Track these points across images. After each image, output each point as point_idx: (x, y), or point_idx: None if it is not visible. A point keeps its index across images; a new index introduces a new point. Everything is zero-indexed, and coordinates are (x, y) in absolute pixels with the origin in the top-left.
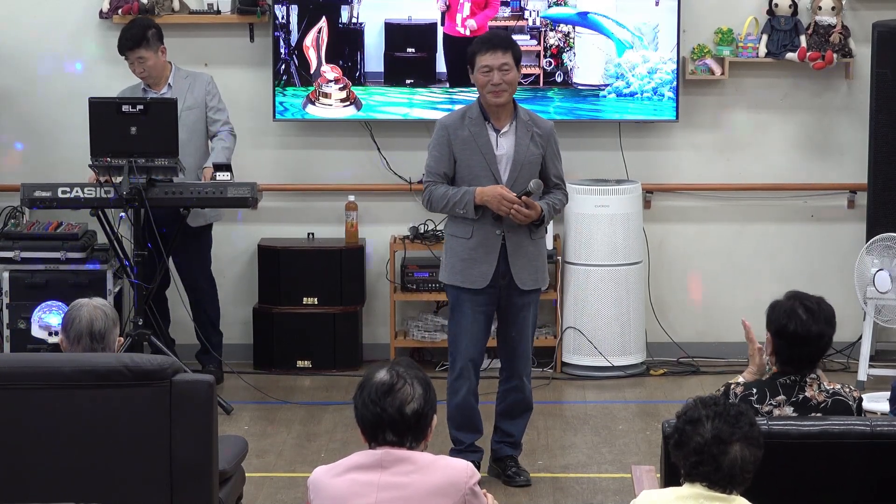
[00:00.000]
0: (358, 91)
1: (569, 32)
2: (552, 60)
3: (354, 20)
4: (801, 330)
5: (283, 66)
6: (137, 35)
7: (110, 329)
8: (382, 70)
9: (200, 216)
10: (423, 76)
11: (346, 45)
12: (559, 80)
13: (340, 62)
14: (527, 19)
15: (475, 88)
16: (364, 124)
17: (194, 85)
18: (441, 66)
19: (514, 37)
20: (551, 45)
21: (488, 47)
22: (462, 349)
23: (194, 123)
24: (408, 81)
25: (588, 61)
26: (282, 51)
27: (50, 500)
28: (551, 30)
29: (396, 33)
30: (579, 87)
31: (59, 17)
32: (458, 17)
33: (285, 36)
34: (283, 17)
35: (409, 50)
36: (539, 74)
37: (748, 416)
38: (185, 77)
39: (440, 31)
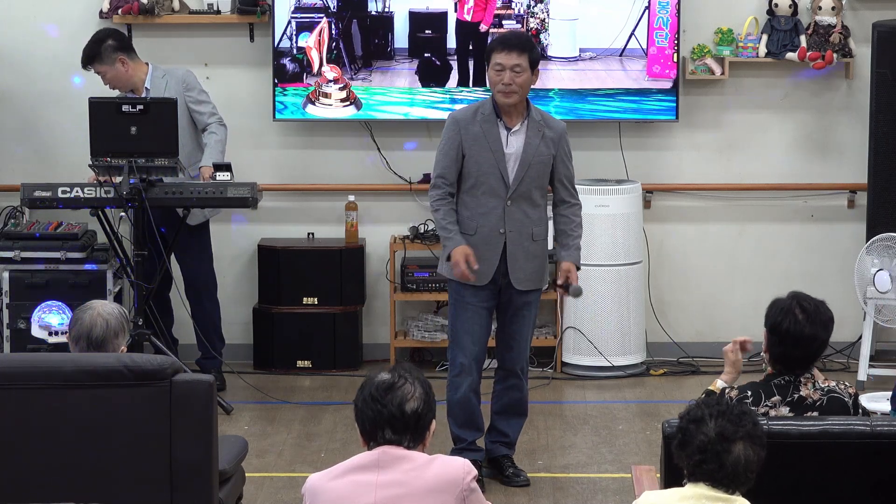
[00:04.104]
0: (358, 91)
1: (544, 19)
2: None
3: (386, 10)
4: (794, 329)
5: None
6: (89, 51)
7: (110, 339)
8: (407, 46)
9: (198, 213)
10: (438, 58)
11: (377, 32)
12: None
13: (372, 46)
14: (513, 8)
15: (475, 88)
16: (364, 124)
17: (170, 83)
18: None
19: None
20: (531, 28)
21: (504, 46)
22: (463, 345)
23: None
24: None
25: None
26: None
27: (50, 500)
28: (532, 16)
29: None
30: (552, 58)
31: (59, 17)
32: (464, 7)
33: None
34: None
35: (427, 31)
36: None
37: (751, 415)
38: (162, 76)
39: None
